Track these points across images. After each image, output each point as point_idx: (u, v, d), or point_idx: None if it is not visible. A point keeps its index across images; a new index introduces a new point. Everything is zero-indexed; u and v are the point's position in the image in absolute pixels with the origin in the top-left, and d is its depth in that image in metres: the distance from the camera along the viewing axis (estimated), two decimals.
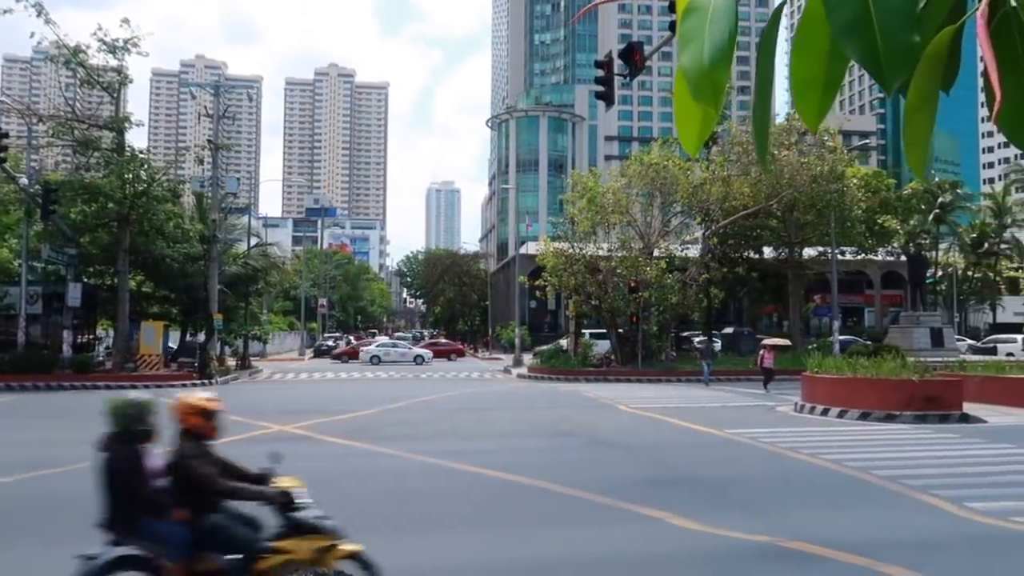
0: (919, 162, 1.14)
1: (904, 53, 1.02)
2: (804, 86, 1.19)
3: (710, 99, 1.13)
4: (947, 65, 1.22)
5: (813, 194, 33.84)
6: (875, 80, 1.05)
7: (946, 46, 1.06)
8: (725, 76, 1.11)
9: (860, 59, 1.04)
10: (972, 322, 71.16)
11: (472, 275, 79.23)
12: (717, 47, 1.10)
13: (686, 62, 1.13)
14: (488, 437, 14.86)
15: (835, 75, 1.17)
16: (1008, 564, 6.56)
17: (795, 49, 1.18)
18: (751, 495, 9.15)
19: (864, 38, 1.03)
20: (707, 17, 1.12)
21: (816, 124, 1.24)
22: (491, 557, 6.78)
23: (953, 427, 15.66)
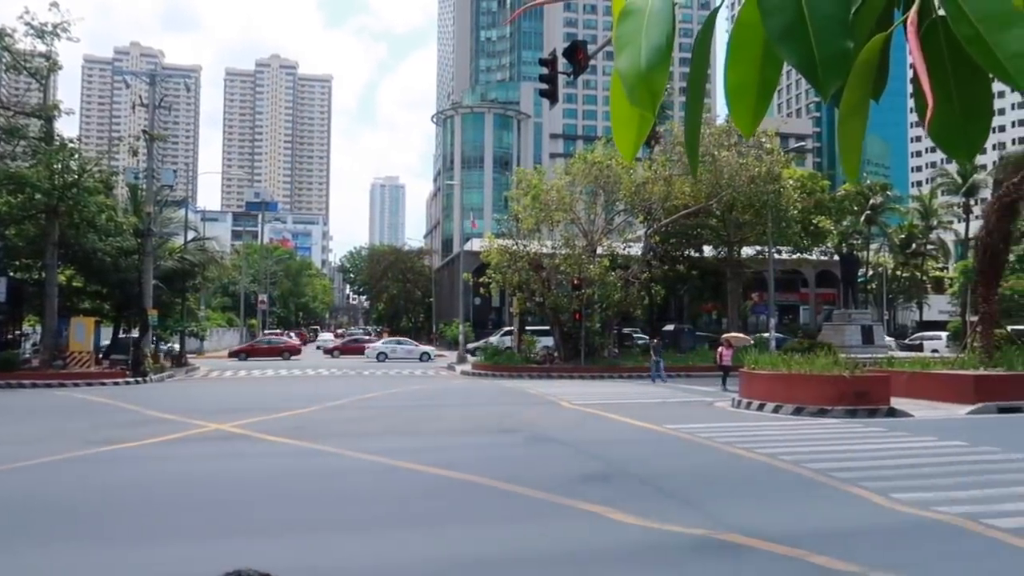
0: (853, 168, 1.16)
1: (839, 58, 1.03)
2: (738, 91, 1.20)
3: (647, 103, 1.13)
4: (877, 73, 1.25)
5: (751, 194, 34.63)
6: (812, 85, 1.07)
7: (876, 54, 1.08)
8: (662, 80, 1.11)
9: (797, 65, 1.05)
10: (900, 320, 73.90)
11: (416, 271, 78.69)
12: (654, 51, 1.10)
13: (623, 66, 1.12)
14: (430, 434, 14.80)
15: (769, 81, 1.19)
16: (927, 551, 6.82)
17: (729, 55, 1.18)
18: (689, 489, 9.31)
19: (800, 44, 1.04)
20: (644, 20, 1.11)
21: (750, 130, 1.24)
22: (430, 555, 6.75)
23: (881, 421, 16.23)
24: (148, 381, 28.67)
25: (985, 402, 17.97)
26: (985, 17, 0.97)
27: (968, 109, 1.07)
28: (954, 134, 1.08)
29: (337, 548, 6.96)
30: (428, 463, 10.91)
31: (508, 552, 6.79)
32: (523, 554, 6.74)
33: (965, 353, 22.04)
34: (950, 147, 1.09)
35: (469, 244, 53.48)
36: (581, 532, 7.44)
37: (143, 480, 10.26)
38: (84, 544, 7.18)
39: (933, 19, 1.04)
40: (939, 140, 1.09)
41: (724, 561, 6.57)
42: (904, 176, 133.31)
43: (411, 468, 10.75)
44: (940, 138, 1.09)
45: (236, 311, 65.20)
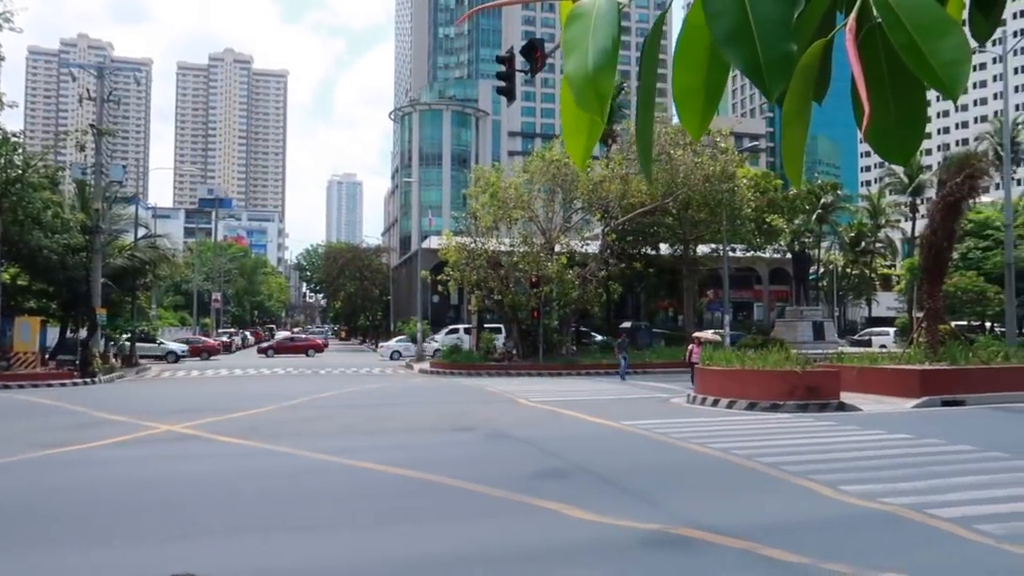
0: (796, 172, 1.18)
1: (783, 61, 1.05)
2: (686, 94, 1.21)
3: (595, 107, 1.13)
4: (819, 77, 1.28)
5: (706, 193, 35.11)
6: (759, 88, 1.08)
7: (817, 59, 1.10)
8: (609, 83, 1.11)
9: (743, 67, 1.06)
10: (850, 316, 75.71)
11: (374, 269, 78.01)
12: (600, 53, 1.10)
13: (570, 69, 1.13)
14: (386, 433, 14.71)
15: (716, 83, 1.20)
16: (873, 541, 7.00)
17: (677, 57, 1.19)
18: (644, 485, 9.41)
19: (745, 47, 1.05)
20: (591, 24, 1.12)
21: (699, 132, 1.26)
22: (386, 555, 6.71)
23: (831, 415, 16.61)
24: (97, 382, 27.95)
25: (930, 396, 18.52)
26: (920, 25, 0.99)
27: (904, 115, 1.09)
28: (890, 139, 1.11)
29: (291, 549, 6.88)
30: (385, 462, 10.84)
31: (466, 550, 6.79)
32: (481, 552, 6.74)
33: (911, 348, 22.66)
34: (886, 152, 1.11)
35: (427, 242, 53.26)
36: (539, 529, 7.47)
37: (92, 483, 10.01)
38: (30, 548, 6.97)
39: (871, 25, 1.06)
40: (875, 144, 1.11)
41: (677, 555, 6.66)
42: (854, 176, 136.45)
43: (367, 467, 10.67)
44: (876, 143, 1.11)
45: (189, 310, 63.93)
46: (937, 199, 22.11)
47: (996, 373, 19.97)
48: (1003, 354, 21.47)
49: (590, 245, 36.91)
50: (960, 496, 8.52)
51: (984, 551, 6.59)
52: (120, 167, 38.63)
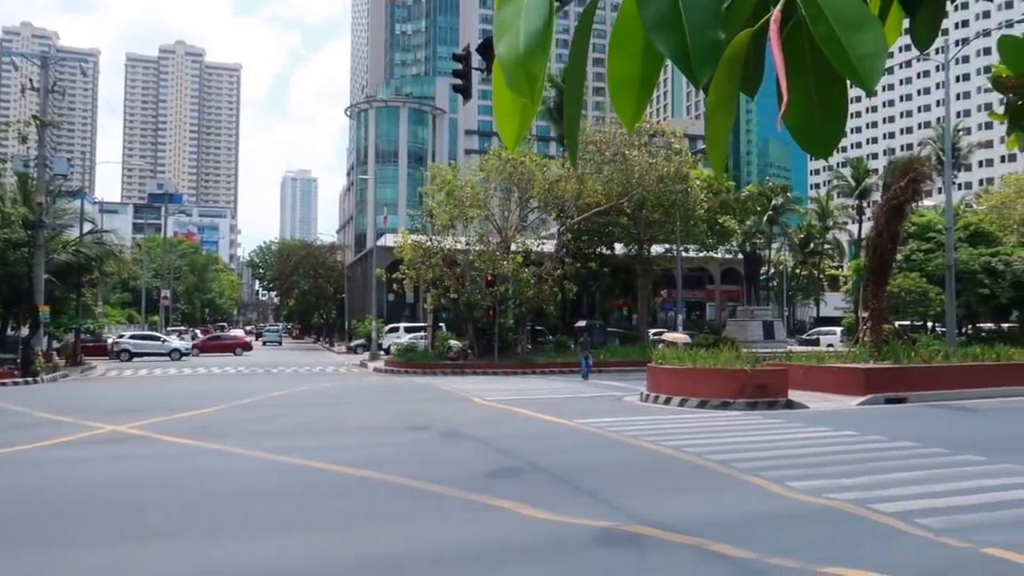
0: (719, 159, 1.18)
1: (711, 49, 1.05)
2: (620, 84, 1.21)
3: (525, 90, 1.12)
4: (753, 69, 1.29)
5: (660, 194, 35.50)
6: (685, 75, 1.08)
7: (744, 48, 1.11)
8: (540, 66, 1.11)
9: (670, 54, 1.06)
10: (799, 316, 77.39)
11: (328, 267, 77.23)
12: (532, 36, 1.09)
13: (502, 52, 1.11)
14: (339, 432, 14.55)
15: (650, 74, 1.20)
16: (818, 536, 7.15)
17: (611, 47, 1.19)
18: (597, 482, 9.46)
19: (674, 34, 1.06)
20: (523, 5, 1.11)
21: (632, 122, 1.25)
22: (337, 555, 6.63)
23: (779, 413, 16.95)
24: (40, 381, 27.10)
25: (874, 394, 19.01)
26: (841, 18, 1.00)
27: (826, 108, 1.11)
28: (813, 132, 1.12)
29: (241, 551, 6.75)
30: (337, 462, 10.72)
31: (418, 550, 6.74)
32: (433, 552, 6.70)
33: (857, 347, 23.23)
34: (809, 144, 1.12)
35: (383, 240, 52.84)
36: (492, 528, 7.46)
37: (33, 485, 9.69)
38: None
39: (797, 18, 1.07)
40: (798, 137, 1.12)
41: (628, 552, 6.71)
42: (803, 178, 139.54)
43: (319, 467, 10.54)
44: (800, 135, 1.12)
45: (137, 307, 62.40)
46: (882, 202, 22.70)
47: (936, 372, 20.60)
48: (943, 353, 22.17)
49: (546, 244, 37.04)
50: (901, 491, 8.75)
51: (923, 544, 6.78)
52: (65, 160, 37.53)
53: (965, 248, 38.54)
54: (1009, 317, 45.55)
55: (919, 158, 27.06)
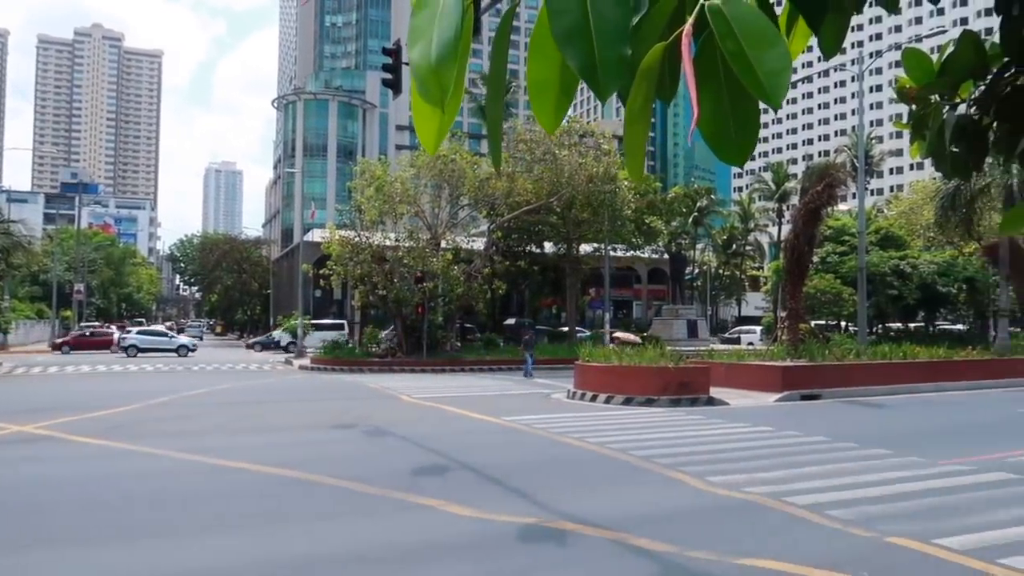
0: (637, 168, 1.21)
1: (617, 64, 1.08)
2: (540, 88, 1.22)
3: (436, 98, 1.11)
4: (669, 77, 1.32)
5: (589, 193, 35.91)
6: (592, 89, 1.10)
7: (658, 62, 1.14)
8: (451, 75, 1.10)
9: (577, 67, 1.08)
10: (722, 315, 79.56)
11: (253, 262, 75.30)
12: (444, 45, 1.09)
13: (415, 59, 1.11)
14: (261, 431, 14.23)
15: (569, 79, 1.21)
16: (736, 528, 7.38)
17: (531, 52, 1.20)
18: (522, 479, 9.53)
19: (582, 48, 1.07)
20: (436, 12, 1.11)
21: (553, 127, 1.27)
22: (258, 557, 6.48)
23: (701, 409, 17.40)
24: None
25: (790, 390, 19.72)
26: (749, 35, 1.04)
27: (739, 119, 1.15)
28: (727, 141, 1.16)
29: (154, 555, 6.54)
30: (258, 461, 10.49)
31: (341, 550, 6.66)
32: (357, 551, 6.63)
33: (775, 346, 24.05)
34: (723, 153, 1.16)
35: (310, 235, 51.88)
36: (416, 526, 7.43)
37: None
38: None
39: (709, 32, 1.11)
40: (713, 146, 1.16)
41: (552, 547, 6.79)
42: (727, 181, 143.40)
43: (240, 467, 10.29)
44: (714, 144, 1.16)
45: (48, 302, 59.50)
46: (799, 206, 23.57)
47: (848, 369, 21.52)
48: (854, 352, 23.16)
49: (476, 242, 37.02)
50: (813, 484, 9.11)
51: (832, 535, 7.07)
52: None
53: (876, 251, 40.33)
54: (916, 317, 47.87)
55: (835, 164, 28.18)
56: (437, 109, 1.24)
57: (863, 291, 26.91)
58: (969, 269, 41.02)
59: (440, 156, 32.99)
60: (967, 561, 6.23)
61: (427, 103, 1.14)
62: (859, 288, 26.80)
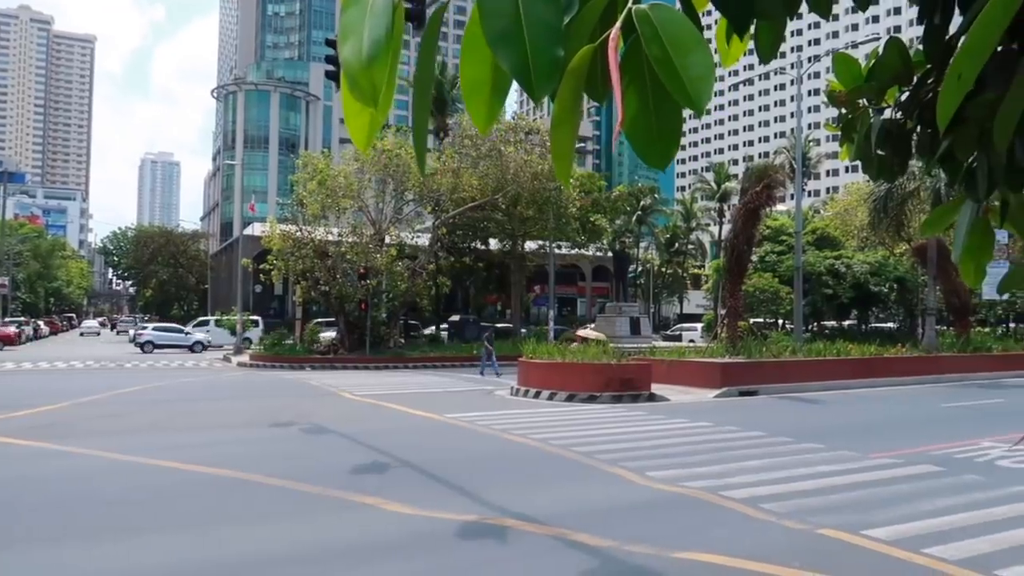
0: (564, 170, 1.20)
1: (551, 66, 1.07)
2: (473, 88, 1.20)
3: (368, 98, 1.09)
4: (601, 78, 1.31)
5: (534, 191, 36.02)
6: (526, 91, 1.09)
7: (587, 64, 1.13)
8: (383, 74, 1.08)
9: (511, 70, 1.07)
10: (664, 312, 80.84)
11: (190, 256, 73.46)
12: (374, 43, 1.07)
13: (346, 57, 1.08)
14: (197, 430, 13.88)
15: (502, 78, 1.20)
16: (674, 523, 7.51)
17: (463, 52, 1.18)
18: (463, 476, 9.51)
19: (515, 50, 1.06)
20: (367, 9, 1.08)
21: (486, 127, 1.25)
22: (186, 559, 6.32)
23: (642, 405, 17.64)
24: None
25: (729, 386, 20.14)
26: (674, 40, 1.04)
27: (663, 123, 1.15)
28: (651, 144, 1.16)
29: (83, 558, 6.31)
30: (193, 461, 10.24)
31: (276, 551, 6.54)
32: (292, 552, 6.52)
33: (715, 343, 24.53)
34: (647, 156, 1.17)
35: (250, 229, 50.80)
36: (355, 525, 7.35)
37: None
38: None
39: (637, 36, 1.11)
40: (638, 148, 1.16)
41: (491, 544, 6.79)
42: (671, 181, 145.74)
43: (174, 467, 10.02)
44: (639, 147, 1.16)
45: None
46: (739, 206, 24.07)
47: (785, 366, 22.10)
48: (790, 349, 23.79)
49: (421, 238, 36.80)
50: (750, 478, 9.33)
51: (767, 527, 7.25)
52: None
53: (812, 251, 41.50)
54: (849, 315, 49.45)
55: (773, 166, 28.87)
56: (369, 107, 1.21)
57: (799, 290, 27.65)
58: (900, 269, 42.55)
59: (385, 151, 32.68)
60: (893, 551, 6.46)
61: (359, 102, 1.12)
62: (796, 287, 27.53)
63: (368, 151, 4.05)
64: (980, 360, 28.31)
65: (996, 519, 7.52)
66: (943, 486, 9.09)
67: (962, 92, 1.23)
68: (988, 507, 8.00)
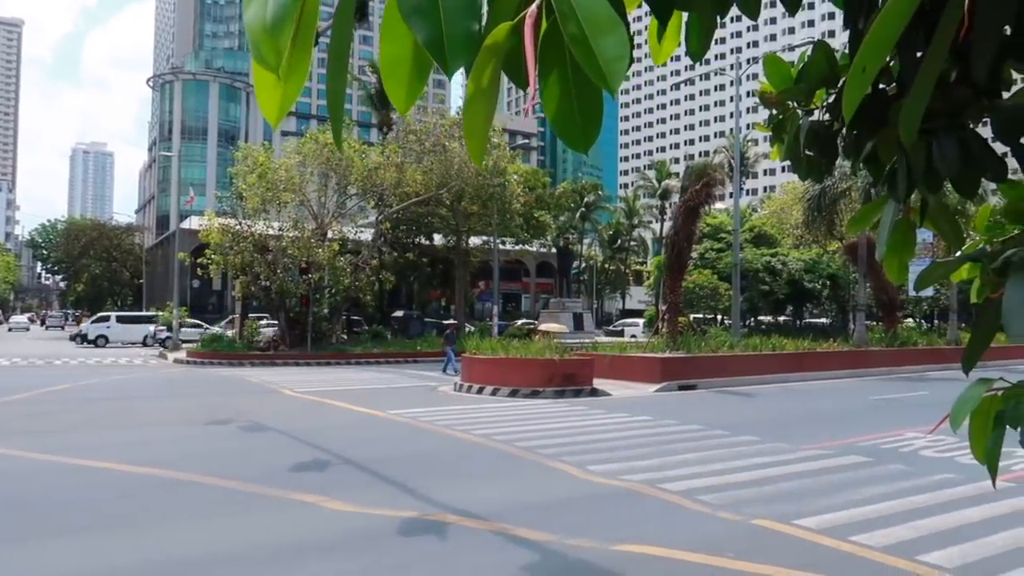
0: (477, 148, 1.18)
1: (465, 39, 1.04)
2: (392, 66, 1.16)
3: (273, 63, 1.05)
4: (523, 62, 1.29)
5: (479, 186, 35.99)
6: (439, 64, 1.07)
7: (504, 41, 1.10)
8: (288, 38, 1.04)
9: (424, 42, 1.04)
10: (607, 308, 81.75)
11: (124, 250, 71.27)
12: (281, 5, 1.03)
13: (249, 20, 1.04)
14: (131, 428, 13.45)
15: (424, 57, 1.16)
16: (613, 515, 7.58)
17: (383, 28, 1.14)
18: (404, 473, 9.44)
19: (429, 21, 1.03)
20: None
21: (405, 106, 1.21)
22: (118, 562, 6.11)
23: (585, 400, 17.80)
24: None
25: (669, 381, 20.48)
26: (590, 19, 1.03)
27: (584, 106, 1.13)
28: (573, 128, 1.14)
29: (6, 564, 6.05)
30: (127, 461, 9.91)
31: (212, 551, 6.38)
32: (229, 551, 6.37)
33: (655, 338, 24.89)
34: (569, 140, 1.15)
35: (188, 222, 49.59)
36: (294, 523, 7.21)
37: None
38: None
39: (555, 17, 1.09)
40: (560, 133, 1.15)
41: (431, 541, 6.75)
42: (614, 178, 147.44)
43: (106, 467, 9.68)
44: (561, 131, 1.15)
45: None
46: (680, 204, 24.46)
47: (723, 360, 22.56)
48: (728, 344, 24.30)
49: (364, 232, 36.40)
50: (687, 471, 9.49)
51: (703, 519, 7.38)
52: None
53: (750, 249, 42.50)
54: (785, 311, 50.82)
55: (713, 165, 29.42)
56: (277, 77, 1.16)
57: (737, 286, 28.25)
58: (832, 267, 43.89)
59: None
60: (822, 539, 6.64)
61: (262, 67, 1.07)
62: (734, 283, 28.12)
63: (277, 126, 3.89)
64: (906, 354, 29.45)
65: (918, 506, 7.81)
66: (870, 476, 9.40)
67: (866, 84, 1.25)
68: (911, 495, 8.31)
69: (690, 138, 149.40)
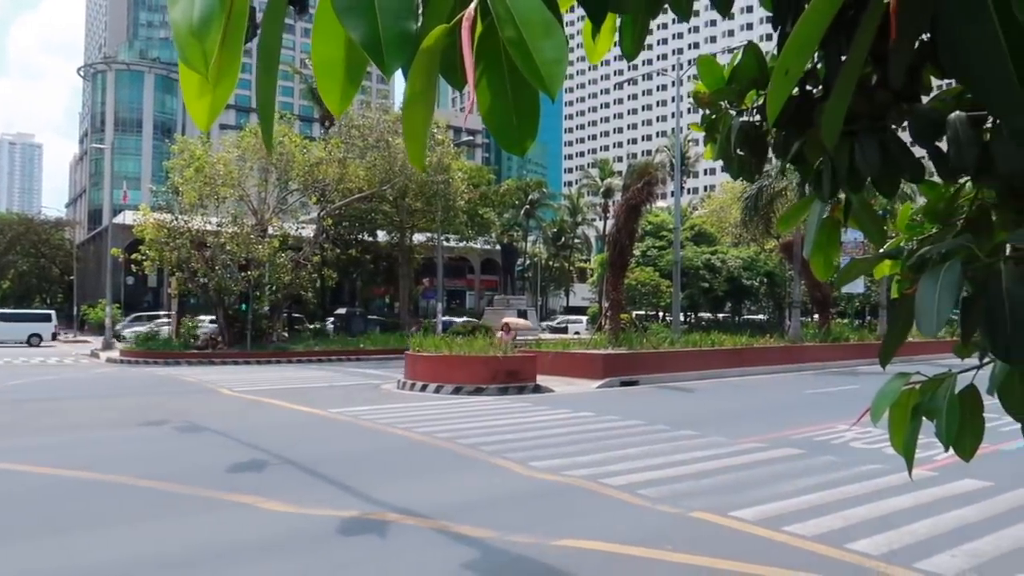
0: (417, 152, 1.18)
1: (401, 39, 1.04)
2: (326, 67, 1.15)
3: (199, 65, 1.02)
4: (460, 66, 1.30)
5: (423, 183, 35.81)
6: (376, 64, 1.06)
7: (441, 42, 1.11)
8: (215, 39, 1.02)
9: (360, 41, 1.03)
10: (551, 305, 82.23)
11: (53, 245, 68.61)
12: (208, 5, 1.01)
13: (175, 19, 1.01)
14: (60, 430, 12.97)
15: (357, 58, 1.16)
16: (555, 511, 7.63)
17: (316, 28, 1.13)
18: (345, 472, 9.34)
19: (365, 20, 1.02)
20: None
21: (339, 108, 1.20)
22: (50, 568, 5.90)
23: (528, 397, 17.89)
24: None
25: (611, 377, 20.72)
26: (528, 23, 1.04)
27: (520, 109, 1.15)
28: (509, 131, 1.15)
29: None
30: (54, 464, 9.57)
31: (144, 554, 6.21)
32: (163, 555, 6.20)
33: (598, 335, 25.17)
34: (506, 142, 1.16)
35: (121, 217, 48.06)
36: (231, 525, 7.08)
37: None
38: None
39: (491, 20, 1.10)
40: (497, 135, 1.16)
41: (372, 539, 6.71)
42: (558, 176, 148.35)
43: (30, 471, 9.32)
44: (498, 134, 1.16)
45: None
46: (622, 202, 24.77)
47: (663, 357, 22.95)
48: (669, 340, 24.75)
49: (305, 229, 35.82)
50: (628, 466, 9.63)
51: (643, 512, 7.51)
52: None
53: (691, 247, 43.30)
54: (724, 308, 51.93)
55: (654, 164, 29.86)
56: (205, 80, 1.14)
57: (678, 283, 28.77)
58: (769, 264, 45.03)
59: None
60: (756, 530, 6.83)
61: (188, 68, 1.05)
62: (674, 280, 28.63)
63: (207, 131, 3.76)
64: (839, 349, 30.44)
65: (848, 496, 8.10)
66: (803, 468, 9.70)
67: (790, 87, 1.29)
68: (842, 485, 8.60)
69: (633, 137, 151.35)
